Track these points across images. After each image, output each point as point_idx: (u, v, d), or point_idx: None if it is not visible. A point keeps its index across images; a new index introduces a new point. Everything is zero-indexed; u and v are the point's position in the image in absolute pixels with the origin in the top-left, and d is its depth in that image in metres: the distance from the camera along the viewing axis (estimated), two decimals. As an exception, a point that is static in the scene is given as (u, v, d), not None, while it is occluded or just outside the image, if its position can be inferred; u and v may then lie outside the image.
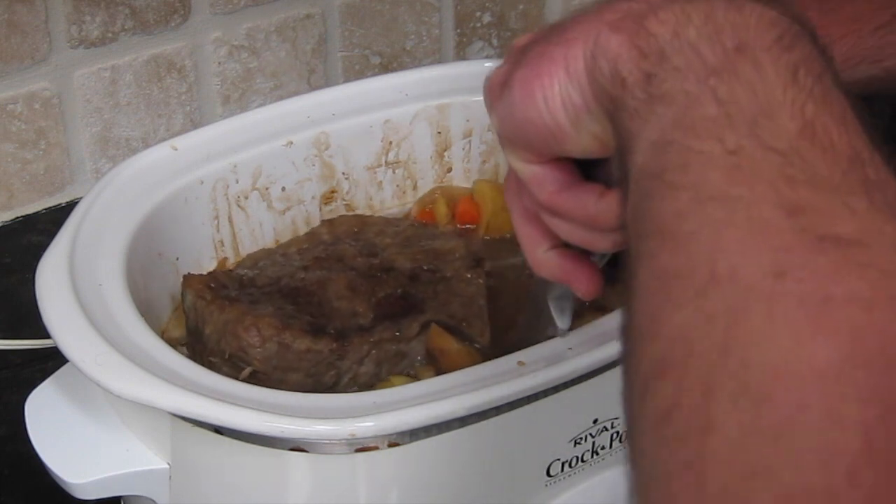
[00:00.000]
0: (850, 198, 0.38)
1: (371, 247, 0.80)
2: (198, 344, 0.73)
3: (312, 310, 0.73)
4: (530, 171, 0.56)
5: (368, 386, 0.73)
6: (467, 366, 0.67)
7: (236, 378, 0.70)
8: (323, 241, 0.81)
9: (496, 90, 0.56)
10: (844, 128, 0.41)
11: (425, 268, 0.77)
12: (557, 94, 0.51)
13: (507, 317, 0.78)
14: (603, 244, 0.57)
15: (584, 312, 0.75)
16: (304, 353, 0.71)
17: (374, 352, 0.72)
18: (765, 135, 0.41)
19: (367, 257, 0.78)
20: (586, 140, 0.52)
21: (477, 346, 0.75)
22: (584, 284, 0.60)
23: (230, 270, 0.78)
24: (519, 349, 0.66)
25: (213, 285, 0.74)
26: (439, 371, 0.73)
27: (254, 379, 0.70)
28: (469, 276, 0.77)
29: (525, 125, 0.53)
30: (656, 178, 0.42)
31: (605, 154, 0.52)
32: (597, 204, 0.55)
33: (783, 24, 0.45)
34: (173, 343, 0.73)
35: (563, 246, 0.60)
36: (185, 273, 0.77)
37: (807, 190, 0.39)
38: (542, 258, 0.60)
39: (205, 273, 0.78)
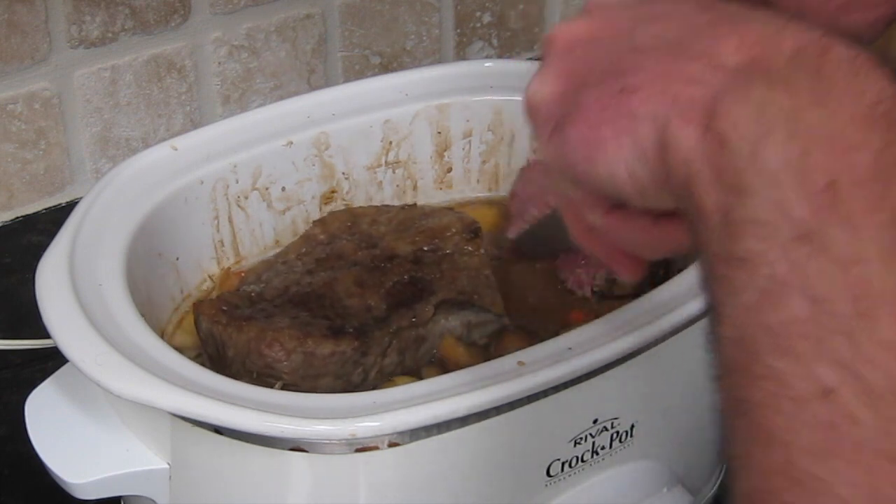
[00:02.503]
0: None
1: (368, 238, 0.80)
2: (223, 369, 0.73)
3: (327, 312, 0.73)
4: (577, 194, 0.51)
5: (394, 375, 0.73)
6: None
7: None
8: (320, 242, 0.81)
9: (545, 126, 0.50)
10: None
11: (426, 248, 0.78)
12: (623, 168, 0.45)
13: (517, 285, 0.79)
14: (656, 257, 0.53)
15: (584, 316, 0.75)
16: (329, 357, 0.71)
17: (395, 342, 0.73)
18: (862, 366, 0.36)
19: (368, 249, 0.78)
20: (655, 205, 0.47)
21: (492, 315, 0.75)
22: (622, 270, 0.55)
23: (237, 290, 0.78)
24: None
25: (225, 308, 0.74)
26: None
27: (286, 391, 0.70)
28: (469, 248, 0.78)
29: (582, 178, 0.48)
30: (742, 406, 0.39)
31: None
32: (650, 230, 0.50)
33: (882, 116, 0.39)
34: (175, 348, 0.73)
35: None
36: (195, 301, 0.77)
37: None
38: (584, 237, 0.55)
39: (213, 297, 0.78)
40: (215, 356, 0.74)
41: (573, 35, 0.50)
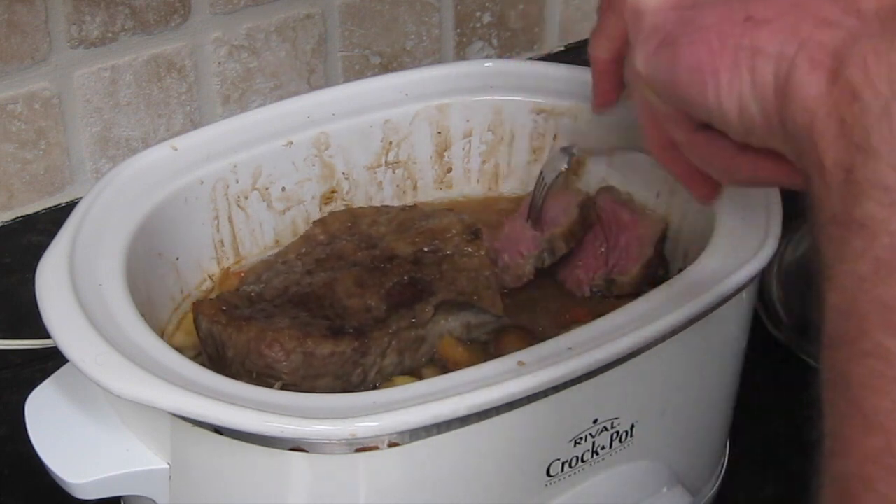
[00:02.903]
0: None
1: (368, 238, 0.80)
2: (223, 369, 0.73)
3: (327, 312, 0.74)
4: (665, 109, 0.49)
5: (394, 375, 0.73)
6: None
7: None
8: (320, 242, 0.81)
9: (650, 37, 0.47)
10: None
11: (426, 249, 0.78)
12: (734, 101, 0.43)
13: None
14: (735, 183, 0.51)
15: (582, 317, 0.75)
16: (329, 357, 0.71)
17: (394, 342, 0.73)
18: None
19: (368, 250, 0.78)
20: (757, 143, 0.45)
21: (492, 317, 0.76)
22: (698, 190, 0.54)
23: (236, 290, 0.78)
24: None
25: (224, 308, 0.74)
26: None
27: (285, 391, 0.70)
28: (469, 249, 0.78)
29: (684, 100, 0.46)
30: (845, 386, 0.36)
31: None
32: (735, 157, 0.48)
33: None
34: (175, 348, 0.73)
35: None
36: (194, 301, 0.77)
37: None
38: (662, 154, 0.54)
39: (213, 297, 0.78)
40: (215, 356, 0.74)
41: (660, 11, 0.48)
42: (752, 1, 0.43)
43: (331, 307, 0.74)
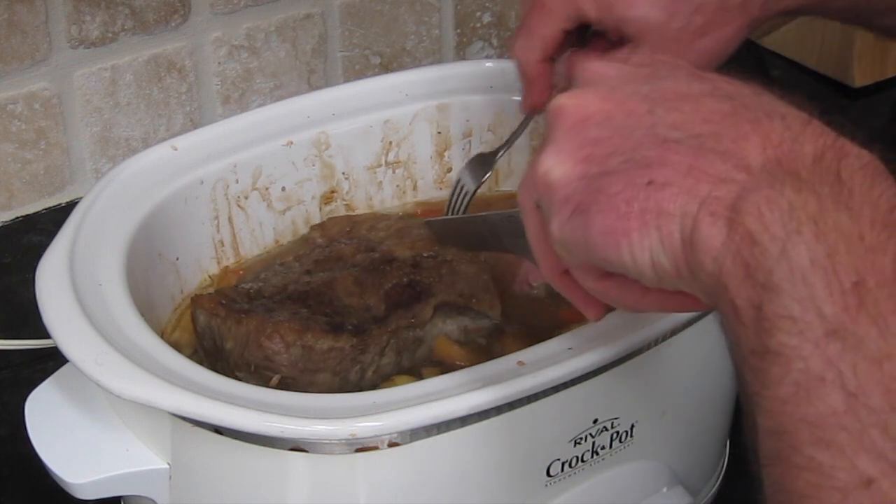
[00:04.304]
0: None
1: (367, 242, 0.80)
2: (219, 362, 0.73)
3: (326, 310, 0.74)
4: (574, 262, 0.52)
5: (392, 375, 0.73)
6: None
7: (265, 388, 0.70)
8: (318, 245, 0.81)
9: (562, 207, 0.50)
10: None
11: (425, 255, 0.78)
12: (648, 257, 0.47)
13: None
14: (637, 312, 0.55)
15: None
16: (328, 353, 0.71)
17: (392, 341, 0.73)
18: None
19: (366, 252, 0.78)
20: (670, 287, 0.48)
21: (490, 321, 0.76)
22: (590, 313, 0.58)
23: (235, 286, 0.78)
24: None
25: (223, 302, 0.74)
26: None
27: (283, 385, 0.70)
28: (469, 255, 0.78)
29: (600, 260, 0.49)
30: (787, 497, 0.40)
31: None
32: (642, 298, 0.52)
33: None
34: (175, 346, 0.73)
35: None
36: (193, 295, 0.77)
37: None
38: (557, 280, 0.57)
39: (212, 291, 0.78)
40: (211, 350, 0.74)
41: (584, 110, 0.51)
42: (652, 167, 0.46)
43: (330, 305, 0.74)
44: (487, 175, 0.83)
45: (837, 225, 0.41)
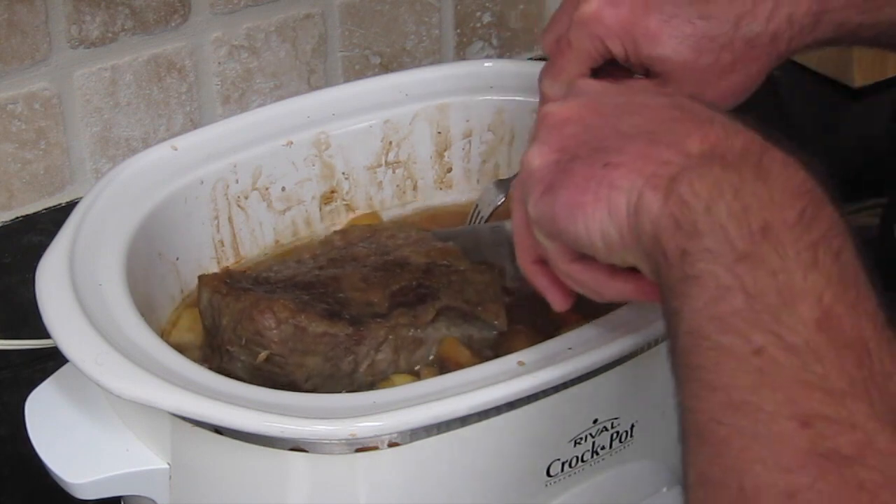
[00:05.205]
0: (854, 405, 0.45)
1: (384, 247, 0.80)
2: (214, 339, 0.74)
3: (328, 299, 0.74)
4: (549, 244, 0.60)
5: (386, 374, 0.73)
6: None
7: (254, 364, 0.70)
8: (336, 247, 0.81)
9: (537, 187, 0.59)
10: (856, 315, 0.48)
11: (439, 263, 0.78)
12: (598, 227, 0.55)
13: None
14: (601, 301, 0.63)
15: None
16: (321, 337, 0.71)
17: (390, 337, 0.73)
18: (785, 332, 0.47)
19: (381, 255, 0.79)
20: (616, 261, 0.57)
21: (494, 331, 0.76)
22: (554, 301, 0.65)
23: (243, 271, 0.78)
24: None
25: (227, 280, 0.75)
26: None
27: (272, 363, 0.71)
28: (482, 266, 0.78)
29: (562, 233, 0.58)
30: (695, 371, 0.49)
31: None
32: (606, 282, 0.60)
33: (806, 192, 0.51)
34: (176, 348, 0.73)
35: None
36: (199, 274, 0.77)
37: (818, 399, 0.46)
38: (528, 267, 0.65)
39: (217, 272, 0.78)
40: (210, 327, 0.74)
41: (566, 115, 0.60)
42: (611, 153, 0.56)
43: (333, 296, 0.74)
44: (502, 201, 0.83)
45: (754, 191, 0.50)
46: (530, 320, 0.77)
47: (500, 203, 0.83)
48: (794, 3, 0.69)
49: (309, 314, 0.71)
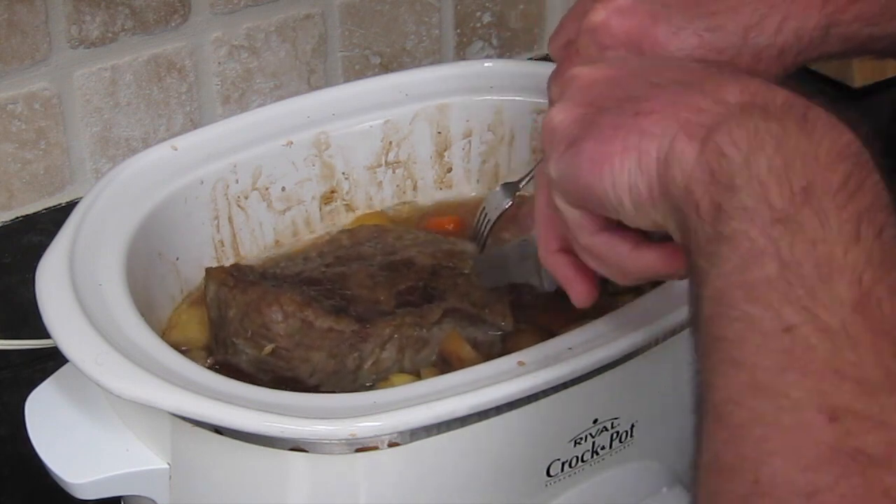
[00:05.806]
0: (888, 400, 0.41)
1: (391, 247, 0.80)
2: (220, 331, 0.74)
3: (335, 296, 0.74)
4: (572, 214, 0.57)
5: (390, 373, 0.74)
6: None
7: (259, 357, 0.71)
8: (343, 246, 0.81)
9: (560, 144, 0.56)
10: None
11: (445, 265, 0.78)
12: (626, 180, 0.52)
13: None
14: (624, 282, 0.60)
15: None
16: (327, 332, 0.72)
17: (395, 336, 0.73)
18: (820, 310, 0.43)
19: (388, 255, 0.79)
20: (643, 222, 0.53)
21: (500, 332, 0.76)
22: (577, 294, 0.63)
23: (250, 266, 0.79)
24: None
25: (235, 273, 0.75)
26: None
27: (277, 357, 0.71)
28: None
29: (586, 191, 0.54)
30: (717, 343, 0.45)
31: (657, 231, 0.54)
32: (630, 254, 0.57)
33: (852, 155, 0.47)
34: (176, 348, 0.73)
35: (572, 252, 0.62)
36: (206, 267, 0.78)
37: (849, 390, 0.42)
38: (551, 258, 0.63)
39: (225, 265, 0.79)
40: (217, 319, 0.74)
41: (595, 76, 0.57)
42: (641, 101, 0.53)
43: (340, 292, 0.75)
44: (508, 204, 0.83)
45: (797, 146, 0.46)
46: (535, 320, 0.77)
47: (507, 206, 0.83)
48: (803, 16, 0.67)
49: (316, 309, 0.72)
